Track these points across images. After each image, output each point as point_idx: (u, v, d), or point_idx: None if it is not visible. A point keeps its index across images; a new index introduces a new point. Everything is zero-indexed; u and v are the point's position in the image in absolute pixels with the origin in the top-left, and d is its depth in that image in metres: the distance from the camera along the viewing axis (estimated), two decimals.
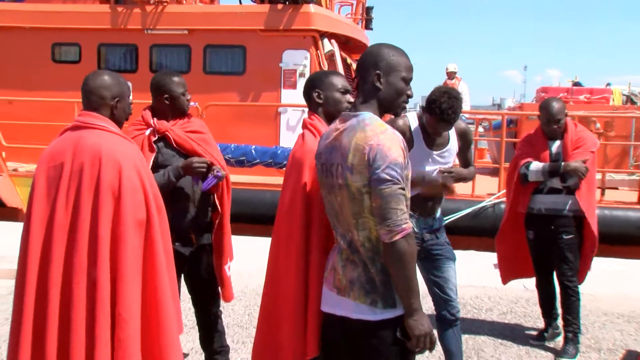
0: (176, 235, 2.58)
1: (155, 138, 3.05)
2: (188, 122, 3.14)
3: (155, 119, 3.07)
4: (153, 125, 3.04)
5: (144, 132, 3.04)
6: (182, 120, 3.12)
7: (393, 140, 1.90)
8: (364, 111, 1.99)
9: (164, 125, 3.05)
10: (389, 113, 2.09)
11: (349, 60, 9.85)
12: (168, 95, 3.05)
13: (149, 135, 3.03)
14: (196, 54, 8.80)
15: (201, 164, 3.00)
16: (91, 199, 2.15)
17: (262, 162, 7.52)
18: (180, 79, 3.11)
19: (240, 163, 7.54)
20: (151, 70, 8.75)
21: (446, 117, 3.10)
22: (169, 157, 3.04)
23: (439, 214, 3.37)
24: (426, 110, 3.18)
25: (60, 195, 2.18)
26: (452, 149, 3.33)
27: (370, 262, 1.96)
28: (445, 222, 3.58)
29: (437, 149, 3.28)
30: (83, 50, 9.12)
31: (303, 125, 2.49)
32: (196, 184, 3.08)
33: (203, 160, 3.02)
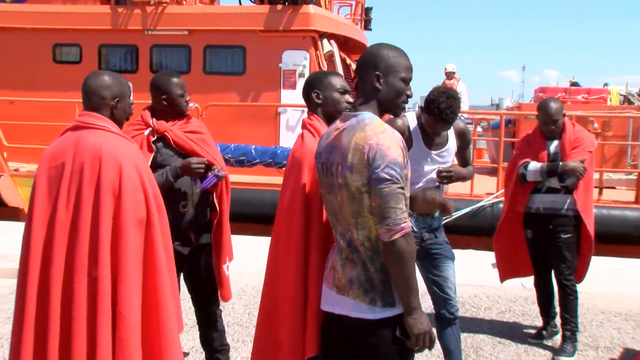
0: (175, 235, 2.58)
1: (154, 138, 3.05)
2: (187, 123, 3.14)
3: (154, 119, 3.07)
4: (152, 125, 3.05)
5: (143, 132, 3.04)
6: (181, 120, 3.12)
7: (392, 139, 1.90)
8: (364, 111, 2.00)
9: (163, 126, 3.05)
10: (388, 113, 2.08)
11: (348, 60, 9.84)
12: (166, 96, 3.06)
13: (148, 135, 3.04)
14: (196, 54, 8.79)
15: (199, 164, 3.00)
16: (92, 198, 2.16)
17: (262, 162, 7.52)
18: (179, 80, 3.10)
19: (240, 163, 7.54)
20: (151, 71, 8.73)
21: (445, 117, 3.10)
22: (167, 157, 3.05)
23: (437, 213, 3.37)
24: (425, 110, 3.18)
25: (61, 195, 2.18)
26: (451, 148, 3.34)
27: (370, 261, 1.96)
28: (444, 222, 3.59)
29: (436, 149, 3.28)
30: (84, 50, 9.11)
31: (302, 126, 2.49)
32: (194, 184, 3.08)
33: (201, 160, 3.02)
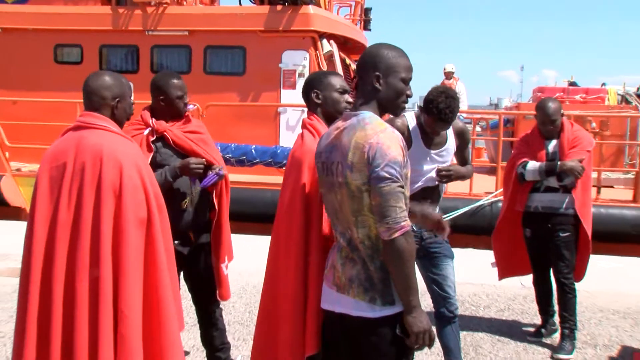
0: (175, 234, 2.58)
1: (154, 138, 3.06)
2: (186, 123, 3.15)
3: (154, 119, 3.08)
4: (151, 125, 3.05)
5: (143, 132, 3.05)
6: (180, 121, 3.13)
7: (392, 139, 1.90)
8: (364, 111, 2.01)
9: (162, 126, 3.06)
10: (388, 113, 2.09)
11: (348, 60, 9.85)
12: (163, 96, 3.07)
13: (147, 135, 3.04)
14: (196, 54, 8.81)
15: (198, 165, 3.01)
16: (93, 198, 2.17)
17: (262, 162, 7.55)
18: (178, 82, 3.09)
19: (241, 162, 7.57)
20: (152, 71, 8.74)
21: (444, 117, 3.11)
22: (167, 157, 3.06)
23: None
24: (424, 110, 3.18)
25: (62, 195, 2.20)
26: (450, 148, 3.34)
27: (370, 260, 1.96)
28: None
29: (435, 148, 3.29)
30: (85, 51, 9.13)
31: (302, 125, 2.50)
32: (193, 184, 3.09)
33: (200, 160, 3.03)
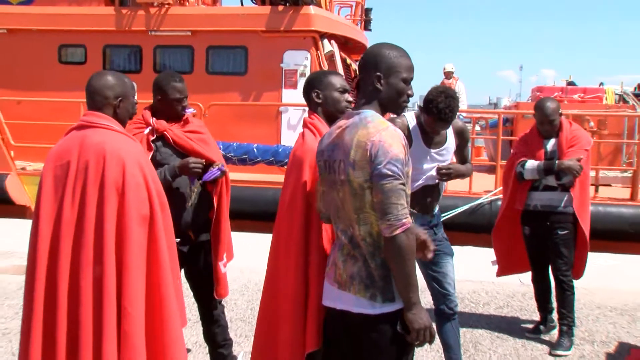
0: (175, 233, 2.56)
1: (154, 137, 3.07)
2: (187, 123, 3.16)
3: (154, 118, 3.09)
4: (152, 124, 3.07)
5: (143, 131, 3.06)
6: (179, 122, 3.14)
7: (394, 137, 1.91)
8: (366, 109, 2.02)
9: (163, 125, 3.07)
10: (390, 112, 2.11)
11: (349, 60, 9.89)
12: (162, 97, 3.08)
13: (148, 134, 3.06)
14: (199, 54, 8.84)
15: (197, 164, 3.02)
16: (96, 196, 2.19)
17: (264, 160, 7.59)
18: (178, 84, 3.09)
19: (243, 161, 7.62)
20: (155, 71, 8.79)
21: (443, 117, 3.12)
22: (167, 156, 3.07)
23: (436, 210, 3.40)
24: (424, 110, 3.20)
25: (66, 193, 2.21)
26: (450, 147, 3.36)
27: (371, 257, 1.97)
28: (442, 219, 3.64)
29: (435, 147, 3.31)
30: (89, 51, 9.18)
31: (303, 125, 2.51)
32: (193, 184, 3.12)
33: (199, 160, 3.04)
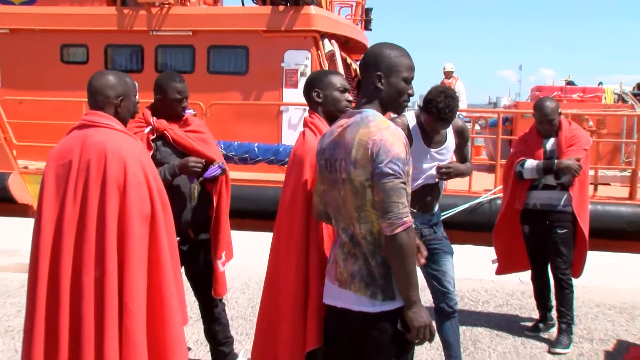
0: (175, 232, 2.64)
1: (154, 136, 3.08)
2: (187, 123, 3.17)
3: (155, 117, 3.10)
4: (152, 123, 3.08)
5: (143, 130, 3.06)
6: (179, 122, 3.15)
7: (395, 136, 1.93)
8: (367, 109, 2.03)
9: (163, 124, 3.08)
10: (390, 112, 2.12)
11: (349, 60, 9.90)
12: (162, 96, 3.09)
13: (148, 133, 3.07)
14: (200, 54, 8.86)
15: (196, 164, 3.04)
16: (98, 194, 2.20)
17: (265, 159, 7.61)
18: (179, 85, 3.09)
19: (244, 160, 7.64)
20: (156, 71, 8.81)
21: (443, 116, 3.14)
22: (166, 155, 3.08)
23: (436, 209, 3.42)
24: (423, 110, 3.21)
25: (68, 192, 2.23)
26: (450, 146, 3.38)
27: (371, 255, 1.99)
28: (442, 217, 3.65)
29: (435, 147, 3.32)
30: (90, 51, 9.19)
31: (304, 124, 2.53)
32: (192, 183, 3.13)
33: (198, 160, 3.05)
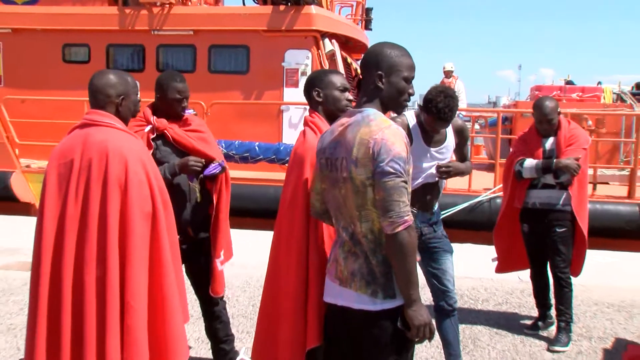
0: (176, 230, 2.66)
1: (154, 135, 3.09)
2: (187, 122, 3.17)
3: (155, 116, 3.11)
4: (152, 122, 3.08)
5: (144, 129, 3.07)
6: (179, 122, 3.15)
7: (397, 135, 1.93)
8: (368, 108, 2.04)
9: (163, 123, 3.09)
10: (391, 111, 2.12)
11: (349, 59, 9.92)
12: (162, 96, 3.10)
13: (148, 132, 3.07)
14: (201, 53, 8.88)
15: (196, 163, 3.05)
16: (99, 193, 2.22)
17: (266, 158, 7.63)
18: (179, 85, 3.09)
19: (244, 159, 7.66)
20: (158, 70, 8.84)
21: (443, 116, 3.14)
22: (166, 155, 3.09)
23: (436, 208, 3.43)
24: (423, 109, 3.22)
25: (70, 190, 2.25)
26: (450, 145, 3.38)
27: (372, 254, 1.99)
28: (442, 216, 3.67)
29: (435, 146, 3.33)
30: (92, 50, 9.22)
31: (304, 123, 2.54)
32: (192, 182, 3.13)
33: (198, 159, 3.06)
